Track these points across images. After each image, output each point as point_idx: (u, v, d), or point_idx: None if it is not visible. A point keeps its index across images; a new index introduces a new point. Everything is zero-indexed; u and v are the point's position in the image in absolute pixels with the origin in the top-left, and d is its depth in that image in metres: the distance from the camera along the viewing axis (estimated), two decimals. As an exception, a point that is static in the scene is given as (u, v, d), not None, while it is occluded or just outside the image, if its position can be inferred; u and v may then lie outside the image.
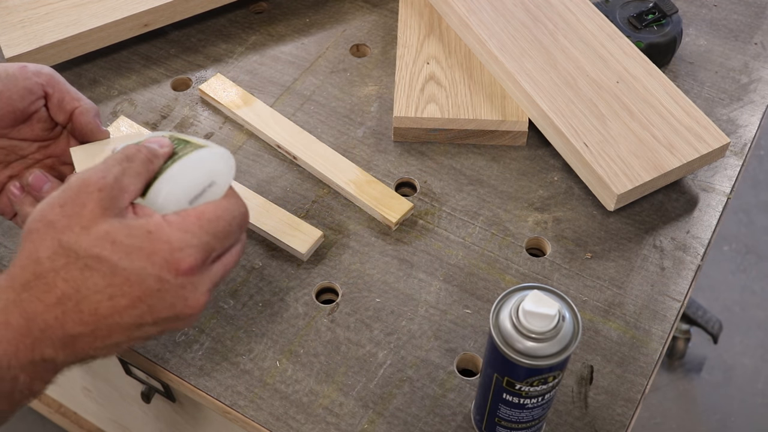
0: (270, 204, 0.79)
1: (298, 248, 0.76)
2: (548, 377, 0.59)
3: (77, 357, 0.53)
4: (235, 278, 0.77)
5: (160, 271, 0.51)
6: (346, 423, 0.69)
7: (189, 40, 0.96)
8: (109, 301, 0.50)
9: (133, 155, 0.55)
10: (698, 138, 0.81)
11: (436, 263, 0.78)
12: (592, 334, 0.74)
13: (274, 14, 0.99)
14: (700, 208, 0.82)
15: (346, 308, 0.75)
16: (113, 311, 0.51)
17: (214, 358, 0.72)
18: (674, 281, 0.77)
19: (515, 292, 0.59)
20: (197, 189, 0.56)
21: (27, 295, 0.50)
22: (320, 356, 0.72)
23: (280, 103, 0.90)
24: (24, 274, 0.51)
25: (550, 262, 0.78)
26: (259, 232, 0.79)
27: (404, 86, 0.87)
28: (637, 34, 0.90)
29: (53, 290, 0.50)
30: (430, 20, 0.93)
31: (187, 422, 0.94)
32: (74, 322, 0.50)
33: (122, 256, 0.50)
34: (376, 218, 0.81)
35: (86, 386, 1.13)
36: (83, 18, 0.89)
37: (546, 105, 0.82)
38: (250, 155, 0.85)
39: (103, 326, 0.51)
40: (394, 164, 0.85)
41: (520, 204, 0.82)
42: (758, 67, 0.94)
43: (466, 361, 0.73)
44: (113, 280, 0.50)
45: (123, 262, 0.50)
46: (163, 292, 0.51)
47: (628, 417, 0.69)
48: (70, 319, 0.50)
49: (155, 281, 0.51)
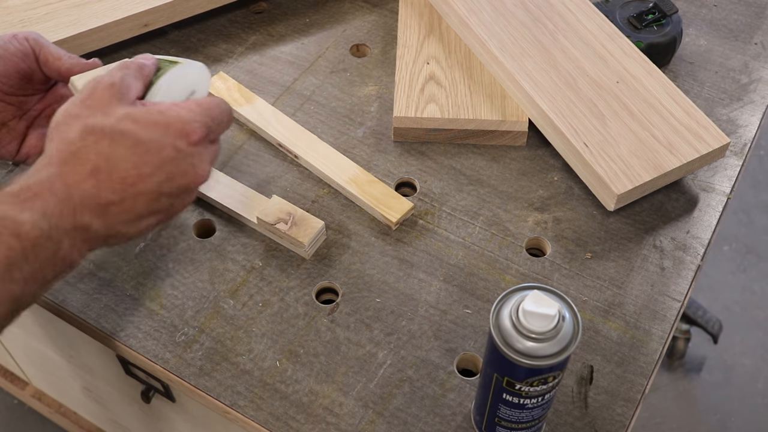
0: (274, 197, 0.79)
1: (301, 239, 0.76)
2: (548, 377, 0.59)
3: (108, 229, 0.59)
4: (235, 278, 0.77)
5: (175, 140, 0.60)
6: (346, 423, 0.69)
7: (189, 40, 0.96)
8: (134, 170, 0.58)
9: (128, 64, 0.65)
10: (698, 138, 0.81)
11: (436, 263, 0.78)
12: (592, 334, 0.74)
13: (274, 14, 0.99)
14: (700, 208, 0.82)
15: (346, 308, 0.75)
16: (138, 179, 0.59)
17: (214, 358, 0.72)
18: (674, 281, 0.77)
19: (515, 292, 0.59)
20: (183, 97, 0.67)
21: (66, 168, 0.58)
22: (320, 356, 0.72)
23: (280, 103, 0.90)
24: (60, 154, 0.58)
25: (550, 262, 0.78)
26: (261, 228, 0.79)
27: (404, 86, 0.87)
28: (637, 34, 0.90)
29: (87, 163, 0.58)
30: (430, 20, 0.93)
31: (187, 422, 0.94)
32: (107, 190, 0.58)
33: (142, 128, 0.59)
34: (376, 218, 0.81)
35: (86, 386, 1.13)
36: (83, 18, 0.89)
37: (546, 105, 0.82)
38: (250, 155, 0.85)
39: (130, 194, 0.59)
40: (394, 164, 0.85)
41: (520, 204, 0.82)
42: (758, 67, 0.94)
43: (466, 361, 0.73)
44: (136, 150, 0.58)
45: (143, 133, 0.59)
46: (178, 159, 0.60)
47: (628, 417, 0.69)
48: (103, 187, 0.58)
49: (172, 149, 0.60)
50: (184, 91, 0.68)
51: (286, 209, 0.78)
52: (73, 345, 0.99)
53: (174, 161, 0.60)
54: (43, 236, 0.55)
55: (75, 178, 0.57)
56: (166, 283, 0.77)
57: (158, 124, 0.59)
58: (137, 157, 0.58)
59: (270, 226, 0.77)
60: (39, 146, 0.74)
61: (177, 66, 0.68)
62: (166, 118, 0.60)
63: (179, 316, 0.75)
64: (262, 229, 0.79)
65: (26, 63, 0.71)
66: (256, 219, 0.78)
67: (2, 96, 0.72)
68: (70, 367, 1.09)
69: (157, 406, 0.96)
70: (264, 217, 0.77)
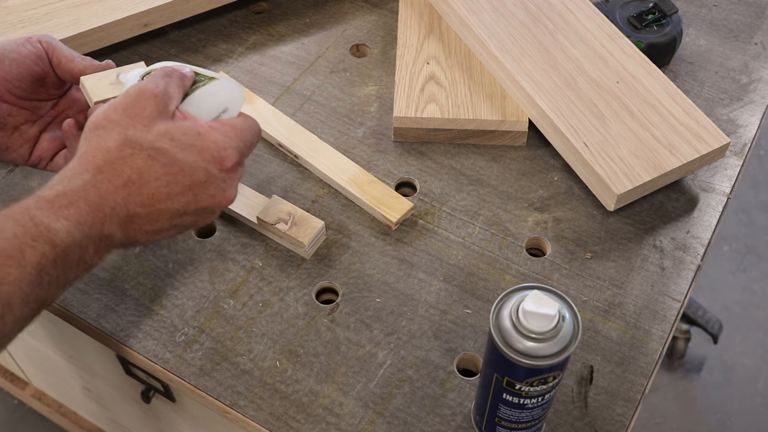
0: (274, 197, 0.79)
1: (301, 239, 0.76)
2: (548, 377, 0.59)
3: (128, 238, 0.61)
4: (235, 278, 0.77)
5: (208, 164, 0.61)
6: (346, 423, 0.69)
7: (189, 40, 0.96)
8: (165, 188, 0.60)
9: (171, 73, 0.65)
10: (698, 138, 0.81)
11: (436, 263, 0.78)
12: (592, 334, 0.74)
13: (274, 14, 0.99)
14: (700, 208, 0.82)
15: (346, 308, 0.75)
16: (167, 197, 0.60)
17: (214, 358, 0.72)
18: (674, 281, 0.77)
19: (515, 292, 0.59)
20: (215, 112, 0.66)
21: (101, 177, 0.59)
22: (320, 356, 0.72)
23: (280, 103, 0.90)
24: (95, 161, 0.59)
25: (550, 262, 0.78)
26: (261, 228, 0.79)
27: (404, 86, 0.87)
28: (637, 34, 0.90)
29: (121, 175, 0.59)
30: (430, 20, 0.93)
31: (187, 422, 0.94)
32: (135, 203, 0.59)
33: (179, 149, 0.60)
34: (376, 218, 0.81)
35: (86, 386, 1.13)
36: (83, 18, 0.89)
37: (546, 105, 0.82)
38: (250, 155, 0.85)
39: (155, 210, 0.60)
40: (394, 164, 0.85)
41: (520, 204, 0.82)
42: (758, 67, 0.94)
43: (466, 361, 0.73)
44: (170, 169, 0.60)
45: (179, 154, 0.60)
46: (208, 184, 0.61)
47: (628, 417, 0.69)
48: (132, 201, 0.59)
49: (204, 173, 0.61)
50: (217, 108, 0.67)
51: (286, 209, 0.78)
52: (73, 345, 0.99)
53: (204, 185, 0.61)
54: (74, 244, 0.57)
55: (108, 189, 0.58)
56: (166, 283, 0.77)
57: (194, 147, 0.61)
58: (170, 176, 0.60)
59: (270, 226, 0.77)
60: (51, 150, 0.74)
61: (214, 82, 0.68)
62: (203, 141, 0.61)
63: (179, 316, 0.75)
64: (262, 229, 0.79)
65: (39, 66, 0.71)
66: (256, 219, 0.78)
67: (16, 100, 0.71)
68: (70, 367, 1.09)
69: (157, 406, 0.96)
70: (264, 217, 0.77)
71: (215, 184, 0.62)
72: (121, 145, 0.59)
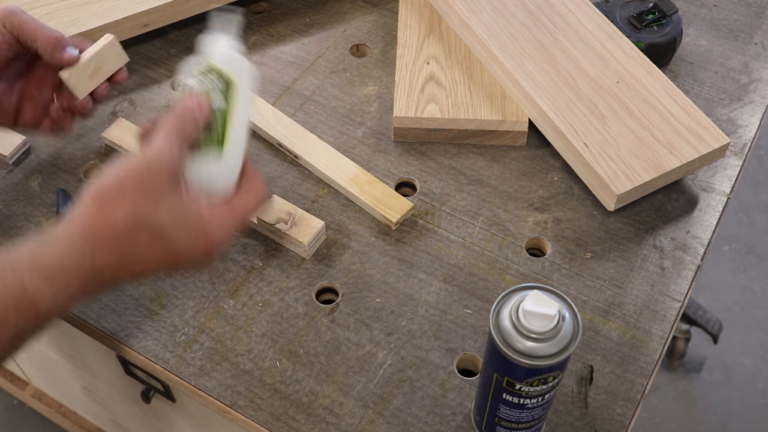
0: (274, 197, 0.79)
1: (301, 239, 0.76)
2: (548, 377, 0.59)
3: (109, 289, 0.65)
4: (235, 278, 0.77)
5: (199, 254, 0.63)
6: (346, 423, 0.69)
7: (189, 40, 0.96)
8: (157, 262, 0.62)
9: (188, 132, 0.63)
10: (698, 138, 0.81)
11: (436, 263, 0.78)
12: (592, 334, 0.74)
13: (274, 14, 0.99)
14: (700, 208, 0.82)
15: (346, 308, 0.75)
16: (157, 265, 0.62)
17: (214, 358, 0.72)
18: (674, 281, 0.77)
19: (515, 292, 0.59)
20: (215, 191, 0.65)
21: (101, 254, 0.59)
22: (320, 356, 0.72)
23: (280, 103, 0.90)
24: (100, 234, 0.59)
25: (550, 262, 0.78)
26: (261, 228, 0.79)
27: (404, 86, 0.87)
28: (637, 34, 0.90)
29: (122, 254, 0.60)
30: (430, 20, 0.93)
31: (187, 422, 0.94)
32: (125, 272, 0.61)
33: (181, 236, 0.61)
34: (376, 218, 0.81)
35: (86, 386, 1.13)
36: (83, 18, 0.89)
37: (546, 105, 0.82)
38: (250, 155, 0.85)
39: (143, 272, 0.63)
40: (394, 164, 0.85)
41: (520, 204, 0.82)
42: (758, 67, 0.94)
43: (466, 361, 0.73)
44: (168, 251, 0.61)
45: (180, 241, 0.61)
46: (193, 263, 0.64)
47: (628, 417, 0.69)
48: (123, 270, 0.61)
49: (191, 258, 0.63)
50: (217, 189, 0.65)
51: (286, 209, 0.78)
52: (73, 345, 0.99)
53: (189, 262, 0.63)
54: (57, 307, 0.59)
55: (105, 263, 0.60)
56: (166, 283, 0.77)
57: (196, 238, 0.62)
58: (163, 254, 0.61)
59: (270, 226, 0.77)
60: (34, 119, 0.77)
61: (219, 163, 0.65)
62: (205, 233, 0.62)
63: (179, 316, 0.75)
64: (262, 229, 0.79)
65: (12, 51, 0.73)
66: (256, 219, 0.78)
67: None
68: (70, 367, 1.09)
69: (157, 406, 0.96)
70: (264, 217, 0.77)
71: (199, 261, 0.64)
72: (132, 226, 0.59)
